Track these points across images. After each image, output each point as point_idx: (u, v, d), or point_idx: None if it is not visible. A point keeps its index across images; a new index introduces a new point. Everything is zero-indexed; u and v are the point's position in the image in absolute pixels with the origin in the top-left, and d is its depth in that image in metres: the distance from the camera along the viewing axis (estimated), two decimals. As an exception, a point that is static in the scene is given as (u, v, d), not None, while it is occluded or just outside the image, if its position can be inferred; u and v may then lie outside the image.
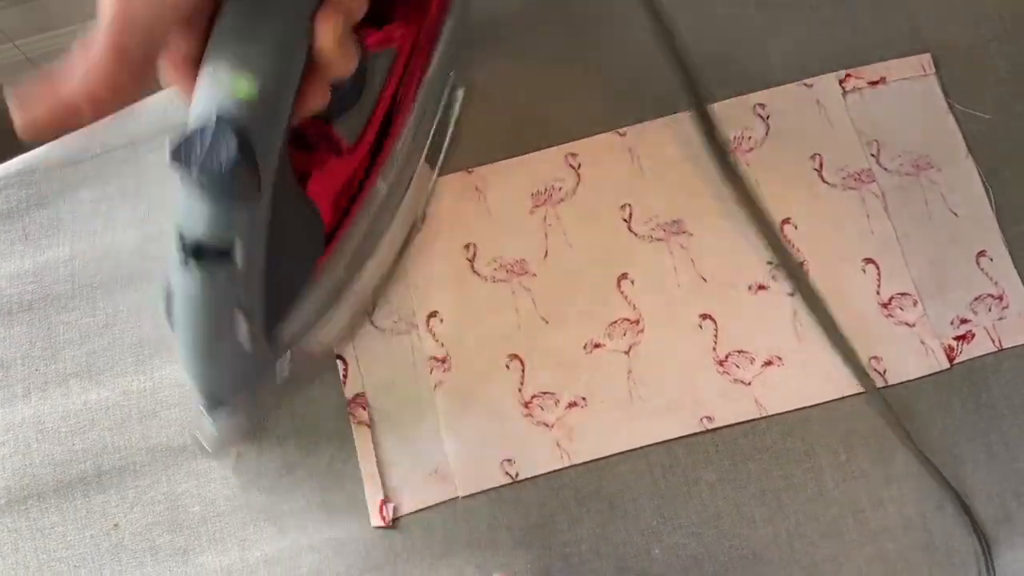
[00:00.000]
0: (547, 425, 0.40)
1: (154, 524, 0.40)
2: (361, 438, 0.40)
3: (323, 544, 0.39)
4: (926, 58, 0.44)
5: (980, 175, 0.43)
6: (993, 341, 0.41)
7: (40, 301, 0.43)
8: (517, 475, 0.40)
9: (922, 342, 0.41)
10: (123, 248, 0.43)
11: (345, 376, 0.41)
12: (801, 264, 0.42)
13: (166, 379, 0.41)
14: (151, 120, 0.45)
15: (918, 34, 0.45)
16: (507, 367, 0.41)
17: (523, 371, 0.41)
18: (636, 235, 0.42)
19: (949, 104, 0.43)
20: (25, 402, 0.42)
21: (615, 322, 0.41)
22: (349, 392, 0.41)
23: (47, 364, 0.42)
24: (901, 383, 0.40)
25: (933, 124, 0.43)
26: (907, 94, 0.44)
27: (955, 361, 0.41)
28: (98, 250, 0.43)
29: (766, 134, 0.43)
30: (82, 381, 0.42)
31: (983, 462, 0.39)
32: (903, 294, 0.41)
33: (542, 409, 0.41)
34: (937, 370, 0.40)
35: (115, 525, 0.40)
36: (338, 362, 0.41)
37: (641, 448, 0.40)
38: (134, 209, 0.44)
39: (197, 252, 0.28)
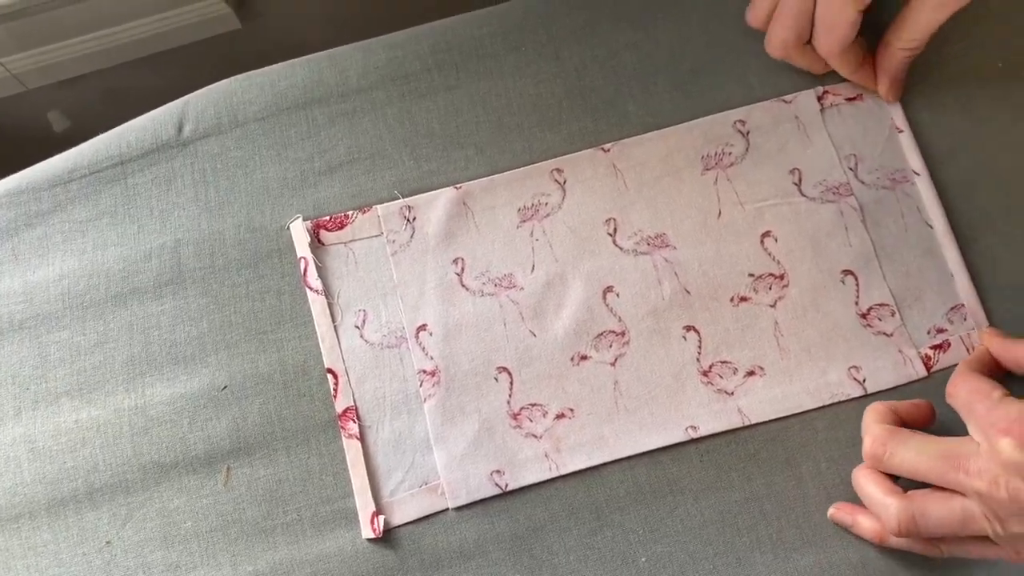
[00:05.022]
0: (536, 436, 0.41)
1: (146, 541, 0.40)
2: (352, 451, 0.41)
3: (315, 558, 0.40)
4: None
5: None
6: (968, 350, 0.42)
7: (31, 320, 0.43)
8: (507, 486, 0.40)
9: (900, 351, 0.42)
10: (113, 267, 0.43)
11: (335, 390, 0.42)
12: (781, 276, 0.43)
13: (157, 396, 0.42)
14: (139, 140, 0.45)
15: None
16: (495, 379, 0.42)
17: (511, 383, 0.42)
18: (621, 249, 0.43)
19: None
20: (16, 421, 0.42)
21: (601, 334, 0.42)
22: (339, 406, 0.41)
23: (38, 383, 0.42)
24: (880, 391, 0.41)
25: (908, 138, 0.44)
26: (883, 108, 0.45)
27: (932, 370, 0.42)
28: (88, 269, 0.43)
29: (746, 150, 0.44)
30: (73, 399, 0.42)
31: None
32: (881, 305, 0.42)
33: (531, 420, 0.41)
34: (915, 379, 0.41)
35: (107, 542, 0.40)
36: (328, 376, 0.42)
37: (627, 458, 0.41)
38: (123, 228, 0.44)
39: None
